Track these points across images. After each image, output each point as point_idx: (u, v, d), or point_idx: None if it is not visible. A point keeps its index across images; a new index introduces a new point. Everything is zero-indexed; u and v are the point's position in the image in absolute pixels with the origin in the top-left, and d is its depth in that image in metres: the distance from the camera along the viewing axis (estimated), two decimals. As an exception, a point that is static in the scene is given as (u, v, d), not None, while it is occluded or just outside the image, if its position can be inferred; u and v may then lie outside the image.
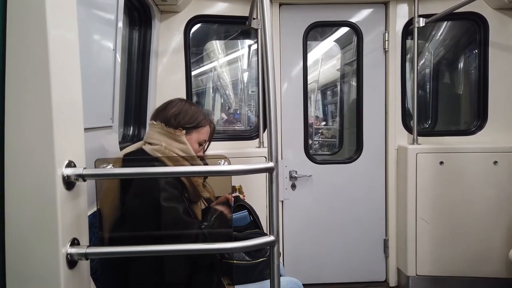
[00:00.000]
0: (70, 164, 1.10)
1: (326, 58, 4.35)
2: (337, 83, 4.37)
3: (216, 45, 4.15)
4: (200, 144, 1.91)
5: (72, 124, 1.17)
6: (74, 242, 1.12)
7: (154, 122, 1.83)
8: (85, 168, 1.13)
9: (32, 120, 1.06)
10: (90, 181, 1.28)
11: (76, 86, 1.20)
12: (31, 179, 1.06)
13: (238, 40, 4.06)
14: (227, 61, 4.41)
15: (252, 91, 4.34)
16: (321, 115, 4.76)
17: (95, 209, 1.63)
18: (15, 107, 1.06)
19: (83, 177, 1.11)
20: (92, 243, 1.44)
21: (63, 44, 1.13)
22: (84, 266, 1.19)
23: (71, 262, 1.10)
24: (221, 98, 4.76)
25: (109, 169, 1.27)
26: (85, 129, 1.24)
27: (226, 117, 4.54)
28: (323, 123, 4.70)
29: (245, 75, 4.38)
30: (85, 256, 1.11)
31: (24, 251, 1.07)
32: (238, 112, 4.56)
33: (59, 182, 1.06)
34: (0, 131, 1.06)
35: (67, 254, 1.08)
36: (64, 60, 1.13)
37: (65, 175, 1.08)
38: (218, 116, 4.55)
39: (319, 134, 4.46)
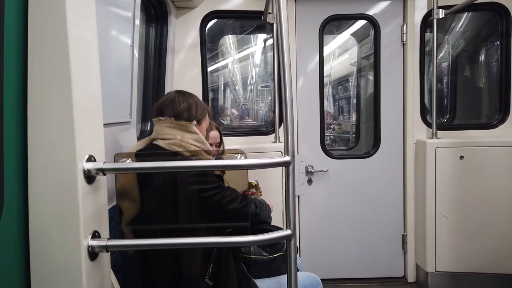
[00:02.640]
0: (91, 159, 1.13)
1: (340, 52, 4.30)
2: (349, 77, 4.32)
3: (231, 41, 4.16)
4: (206, 131, 1.95)
5: (92, 120, 1.19)
6: (95, 235, 1.15)
7: (162, 118, 1.83)
8: (105, 162, 1.15)
9: (53, 116, 1.09)
10: (109, 176, 1.30)
11: (96, 83, 1.23)
12: (53, 173, 1.09)
13: (253, 35, 4.05)
14: (241, 57, 4.41)
15: (261, 86, 4.33)
16: (333, 110, 4.71)
17: (114, 203, 1.67)
18: (38, 104, 1.09)
19: (103, 171, 1.13)
20: (111, 236, 1.46)
21: (83, 43, 1.16)
22: (105, 258, 1.22)
23: (93, 254, 1.13)
24: (234, 94, 4.76)
25: (129, 163, 1.29)
26: (104, 124, 1.27)
27: (237, 113, 4.54)
28: (340, 117, 4.66)
29: (260, 70, 4.37)
30: (106, 248, 1.14)
31: (47, 243, 1.10)
32: (248, 108, 4.56)
33: (80, 176, 1.09)
34: (23, 128, 1.09)
35: (89, 246, 1.11)
36: (84, 59, 1.16)
37: (86, 169, 1.10)
38: (234, 111, 4.57)
39: (330, 130, 4.40)
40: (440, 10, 3.07)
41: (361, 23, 3.64)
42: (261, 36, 3.97)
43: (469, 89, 3.79)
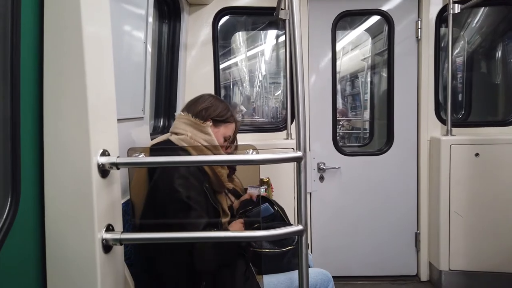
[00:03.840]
0: (105, 153, 1.15)
1: (352, 48, 4.26)
2: (359, 74, 4.26)
3: (243, 38, 4.16)
4: (225, 140, 1.93)
5: (106, 115, 1.21)
6: (109, 228, 1.17)
7: (182, 114, 1.87)
8: (118, 157, 1.17)
9: (69, 111, 1.11)
10: (123, 171, 1.32)
11: (110, 79, 1.25)
12: (68, 167, 1.11)
13: (266, 32, 4.04)
14: (252, 54, 4.40)
15: (269, 83, 4.32)
16: (342, 106, 4.64)
17: (128, 197, 1.69)
18: (53, 99, 1.11)
19: (117, 165, 1.15)
20: (125, 230, 1.49)
21: (97, 40, 1.18)
22: (119, 251, 1.24)
23: (106, 247, 1.15)
24: (242, 90, 4.75)
25: (142, 158, 1.31)
26: (117, 120, 1.29)
27: (245, 110, 4.54)
28: (350, 113, 4.60)
29: (270, 67, 4.36)
30: (120, 241, 1.16)
31: (63, 236, 1.12)
32: (254, 105, 4.54)
33: (94, 170, 1.11)
34: (39, 123, 1.11)
35: (103, 239, 1.13)
36: (99, 55, 1.18)
37: (100, 163, 1.12)
38: (243, 108, 4.56)
39: (339, 126, 4.35)
40: (456, 5, 3.01)
41: (374, 18, 3.60)
42: (273, 33, 3.95)
43: (484, 86, 3.72)
